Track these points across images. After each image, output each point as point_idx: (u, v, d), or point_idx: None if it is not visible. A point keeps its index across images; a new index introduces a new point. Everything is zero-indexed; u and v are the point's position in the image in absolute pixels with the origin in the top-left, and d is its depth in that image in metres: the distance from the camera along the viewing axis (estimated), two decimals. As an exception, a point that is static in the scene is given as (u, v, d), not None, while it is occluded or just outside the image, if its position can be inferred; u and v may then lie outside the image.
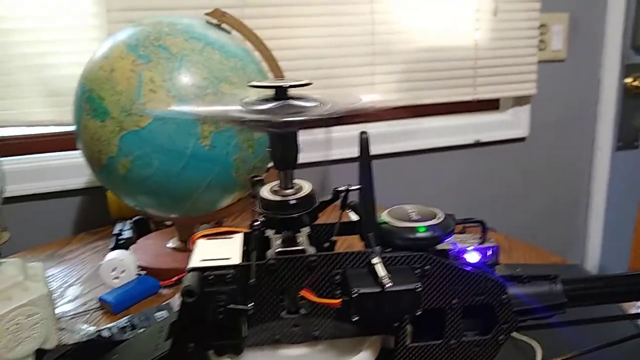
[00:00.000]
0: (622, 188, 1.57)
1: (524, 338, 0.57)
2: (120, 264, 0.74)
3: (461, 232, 0.47)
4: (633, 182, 1.59)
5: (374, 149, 0.38)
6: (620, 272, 0.49)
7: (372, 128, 1.17)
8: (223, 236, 0.43)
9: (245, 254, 0.41)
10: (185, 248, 0.83)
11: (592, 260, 1.61)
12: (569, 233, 1.59)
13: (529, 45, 1.30)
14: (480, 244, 0.46)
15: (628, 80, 1.49)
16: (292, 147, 0.41)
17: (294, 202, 0.41)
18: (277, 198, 0.41)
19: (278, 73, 0.82)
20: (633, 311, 0.61)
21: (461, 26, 1.23)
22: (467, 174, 1.39)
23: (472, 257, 0.45)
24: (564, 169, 1.51)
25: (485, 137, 1.37)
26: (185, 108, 0.63)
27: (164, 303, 0.66)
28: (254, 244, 0.39)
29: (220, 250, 0.41)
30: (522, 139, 1.42)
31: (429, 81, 1.23)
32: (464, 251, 0.45)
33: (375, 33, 1.16)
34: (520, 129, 1.41)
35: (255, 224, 0.39)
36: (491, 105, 1.39)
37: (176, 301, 0.67)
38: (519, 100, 1.39)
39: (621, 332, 0.52)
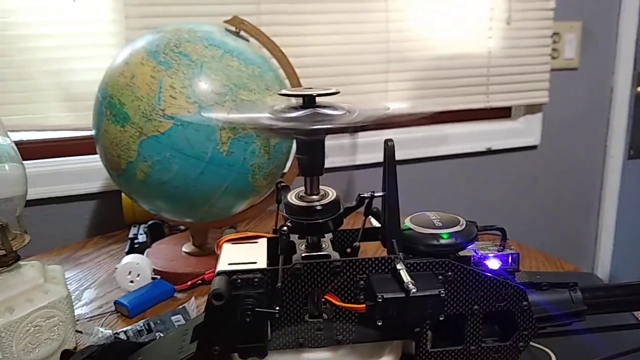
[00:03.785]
0: (634, 196, 1.57)
1: (538, 345, 0.57)
2: (136, 268, 0.75)
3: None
4: (644, 191, 1.59)
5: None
6: (631, 280, 0.49)
7: (384, 135, 1.18)
8: (248, 241, 0.44)
9: (271, 258, 0.41)
10: (200, 252, 0.83)
11: (603, 269, 1.60)
12: (580, 241, 1.58)
13: (541, 53, 1.31)
14: (500, 251, 0.46)
15: (640, 88, 1.49)
16: (320, 154, 0.42)
17: (319, 208, 0.41)
18: (303, 204, 0.42)
19: (295, 80, 0.83)
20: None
21: (474, 35, 1.24)
22: (479, 181, 1.39)
23: (493, 264, 0.45)
24: (575, 177, 1.51)
25: (497, 145, 1.37)
26: (215, 115, 0.64)
27: (179, 307, 0.67)
28: (281, 249, 0.40)
29: (246, 255, 0.41)
30: (533, 147, 1.43)
31: (442, 89, 1.24)
32: (485, 258, 0.45)
33: (389, 41, 1.17)
34: (532, 137, 1.41)
35: (283, 229, 0.40)
36: (503, 113, 1.40)
37: (191, 305, 0.68)
38: (531, 109, 1.39)
39: (635, 341, 0.52)
